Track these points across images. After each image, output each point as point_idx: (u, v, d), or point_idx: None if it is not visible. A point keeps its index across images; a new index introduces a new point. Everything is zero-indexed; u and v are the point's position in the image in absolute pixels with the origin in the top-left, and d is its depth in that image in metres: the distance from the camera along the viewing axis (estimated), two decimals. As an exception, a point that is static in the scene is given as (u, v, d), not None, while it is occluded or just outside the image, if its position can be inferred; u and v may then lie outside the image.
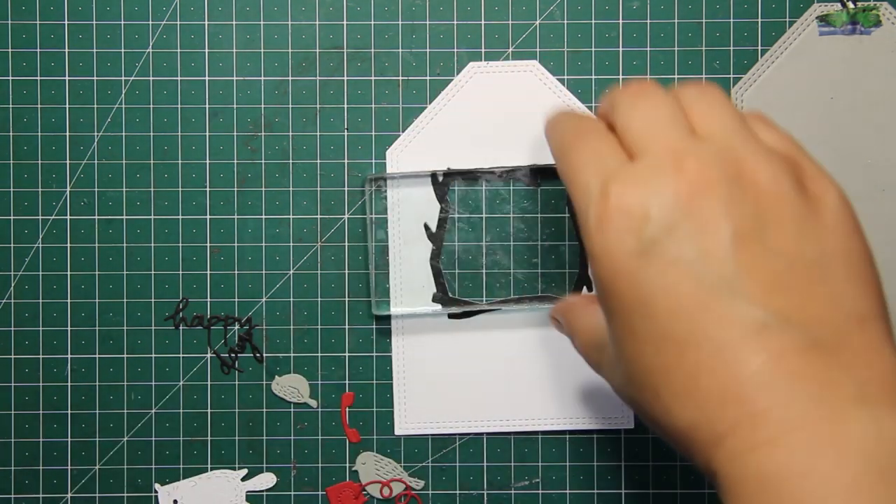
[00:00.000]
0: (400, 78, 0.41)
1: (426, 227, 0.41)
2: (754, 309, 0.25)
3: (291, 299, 0.41)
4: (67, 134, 0.41)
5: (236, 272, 0.41)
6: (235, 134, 0.41)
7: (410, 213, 0.41)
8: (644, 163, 0.28)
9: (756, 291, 0.25)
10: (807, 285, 0.26)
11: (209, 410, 0.41)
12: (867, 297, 0.26)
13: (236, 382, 0.42)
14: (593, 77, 0.41)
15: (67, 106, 0.41)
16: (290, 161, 0.41)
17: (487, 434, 0.42)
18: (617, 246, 0.27)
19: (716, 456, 0.25)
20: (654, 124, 0.29)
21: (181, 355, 0.41)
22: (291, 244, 0.41)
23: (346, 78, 0.41)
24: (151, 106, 0.41)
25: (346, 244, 0.41)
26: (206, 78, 0.41)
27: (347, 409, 0.42)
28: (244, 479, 0.42)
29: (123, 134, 0.41)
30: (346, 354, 0.41)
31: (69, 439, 0.41)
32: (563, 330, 0.37)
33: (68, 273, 0.41)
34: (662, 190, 0.26)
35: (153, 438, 0.42)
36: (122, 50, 0.41)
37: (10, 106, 0.41)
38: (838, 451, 0.23)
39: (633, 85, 0.30)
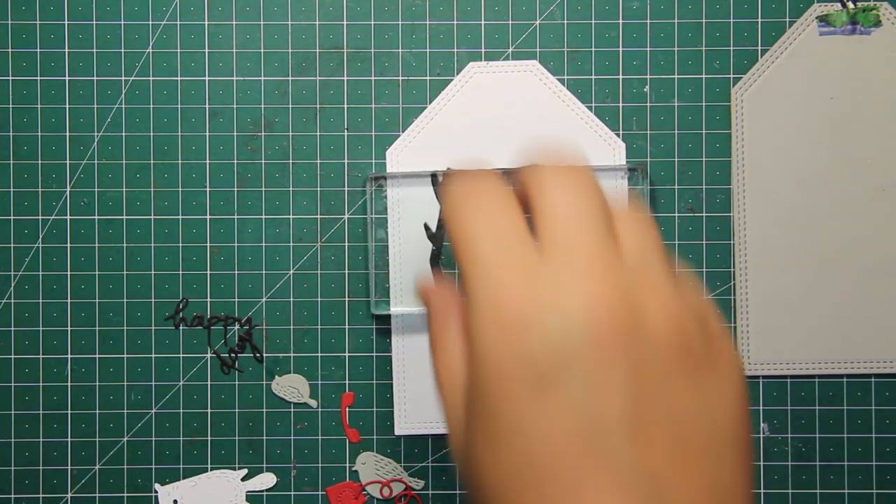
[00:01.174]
0: (400, 78, 0.41)
1: (426, 227, 0.41)
2: (629, 469, 0.24)
3: (291, 299, 0.41)
4: (67, 134, 0.41)
5: (236, 272, 0.41)
6: (235, 134, 0.41)
7: (410, 213, 0.41)
8: (558, 271, 0.25)
9: (637, 455, 0.24)
10: (692, 463, 0.25)
11: (209, 410, 0.41)
12: (745, 486, 0.25)
13: (236, 382, 0.42)
14: (593, 77, 0.41)
15: (67, 106, 0.41)
16: (290, 161, 0.41)
17: (487, 434, 0.42)
18: (510, 368, 0.25)
19: None
20: (578, 222, 0.26)
21: (181, 355, 0.41)
22: (291, 244, 0.41)
23: (346, 78, 0.41)
24: (151, 106, 0.41)
25: (346, 244, 0.41)
26: (206, 78, 0.41)
27: (347, 409, 0.42)
28: (244, 479, 0.42)
29: (123, 134, 0.41)
30: (346, 354, 0.41)
31: (69, 439, 0.41)
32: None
33: (68, 273, 0.41)
34: (573, 320, 0.24)
35: (153, 438, 0.42)
36: (122, 50, 0.41)
37: (10, 106, 0.41)
38: None
39: (565, 168, 0.27)
